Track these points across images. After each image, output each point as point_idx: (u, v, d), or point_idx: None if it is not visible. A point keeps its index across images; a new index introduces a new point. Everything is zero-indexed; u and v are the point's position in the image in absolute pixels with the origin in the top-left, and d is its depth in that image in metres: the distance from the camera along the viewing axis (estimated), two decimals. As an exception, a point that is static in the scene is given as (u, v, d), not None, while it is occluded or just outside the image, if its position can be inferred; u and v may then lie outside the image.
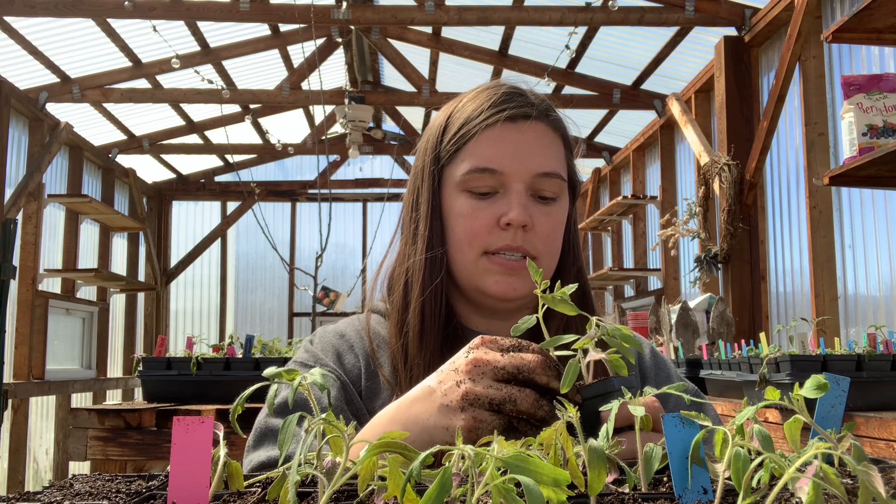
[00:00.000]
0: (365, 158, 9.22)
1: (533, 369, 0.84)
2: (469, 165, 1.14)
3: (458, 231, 1.14)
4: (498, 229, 1.11)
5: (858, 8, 2.65)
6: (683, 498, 0.48)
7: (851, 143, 2.68)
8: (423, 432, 0.88)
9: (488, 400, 0.84)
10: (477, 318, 1.21)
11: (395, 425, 0.91)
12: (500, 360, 0.85)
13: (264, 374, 0.68)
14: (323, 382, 0.63)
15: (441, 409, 0.87)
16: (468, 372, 0.86)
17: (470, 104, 1.18)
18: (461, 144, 1.15)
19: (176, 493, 0.47)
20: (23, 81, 5.96)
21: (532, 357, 0.85)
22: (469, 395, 0.85)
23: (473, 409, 0.84)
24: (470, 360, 0.87)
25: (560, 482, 0.44)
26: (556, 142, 1.18)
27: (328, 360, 1.18)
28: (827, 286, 3.89)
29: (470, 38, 6.46)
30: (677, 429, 0.50)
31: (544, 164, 1.14)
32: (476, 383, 0.85)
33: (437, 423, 0.87)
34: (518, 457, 0.44)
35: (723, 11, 4.97)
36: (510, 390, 0.84)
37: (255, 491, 0.55)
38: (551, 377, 0.84)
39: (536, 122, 1.15)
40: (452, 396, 0.86)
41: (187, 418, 0.49)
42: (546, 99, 1.22)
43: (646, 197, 6.54)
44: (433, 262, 1.15)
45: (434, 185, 1.17)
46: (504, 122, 1.14)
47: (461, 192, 1.15)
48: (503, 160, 1.12)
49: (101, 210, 6.81)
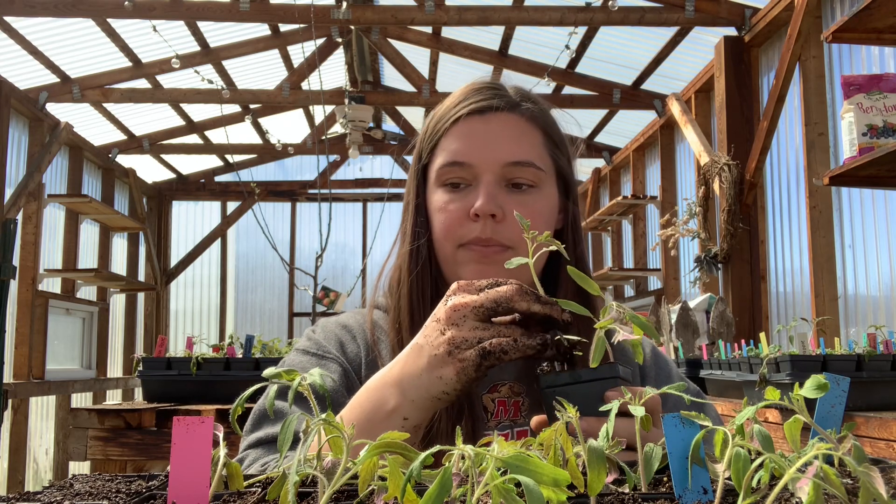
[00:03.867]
0: (365, 158, 9.22)
1: (510, 298, 0.85)
2: (441, 160, 1.16)
3: (437, 225, 1.16)
4: (469, 221, 1.12)
5: (858, 8, 2.65)
6: (683, 498, 0.48)
7: (851, 143, 2.68)
8: (418, 389, 0.88)
9: (476, 340, 0.84)
10: None
11: (389, 388, 0.91)
12: (477, 298, 0.86)
13: (264, 374, 0.68)
14: (322, 382, 0.63)
15: (431, 360, 0.87)
16: (448, 318, 0.87)
17: (446, 102, 1.21)
18: (436, 141, 1.18)
19: (176, 493, 0.47)
20: (23, 81, 5.96)
21: (507, 287, 0.86)
22: (454, 340, 0.85)
23: (460, 353, 0.85)
24: (449, 307, 0.87)
25: (560, 482, 0.44)
26: (531, 132, 1.17)
27: (331, 347, 1.20)
28: (827, 286, 3.89)
29: (470, 38, 6.45)
30: (677, 429, 0.50)
31: (514, 153, 1.13)
32: (459, 328, 0.86)
33: (430, 376, 0.87)
34: (518, 457, 0.44)
35: (723, 11, 4.97)
36: (496, 328, 0.85)
37: (254, 491, 0.55)
38: (531, 301, 0.84)
39: (505, 112, 1.16)
40: (439, 345, 0.86)
41: (187, 418, 0.49)
42: (526, 92, 1.22)
43: (646, 197, 6.54)
44: (416, 256, 1.17)
45: (419, 183, 1.20)
46: (471, 115, 1.15)
47: (439, 188, 1.17)
48: (471, 152, 1.14)
49: (101, 210, 6.81)
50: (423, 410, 0.90)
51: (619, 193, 7.58)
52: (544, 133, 1.19)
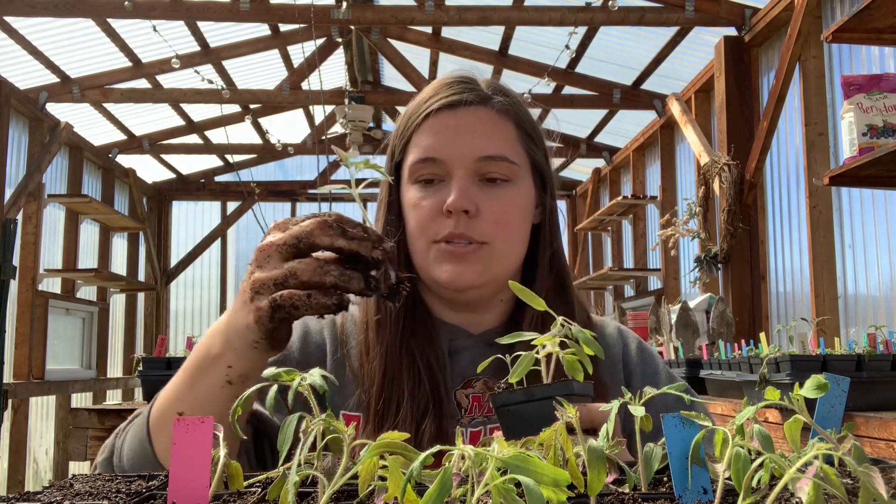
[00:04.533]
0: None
1: (311, 233, 0.79)
2: (413, 157, 1.13)
3: (411, 222, 1.14)
4: (442, 217, 1.09)
5: (858, 8, 2.65)
6: (683, 498, 0.48)
7: (851, 143, 2.68)
8: (238, 336, 0.86)
9: (272, 282, 0.80)
10: (448, 311, 1.19)
11: (218, 334, 0.89)
12: (281, 236, 0.81)
13: (264, 374, 0.68)
14: (322, 383, 0.63)
15: (240, 306, 0.85)
16: (256, 260, 0.83)
17: (418, 98, 1.19)
18: (408, 137, 1.16)
19: (176, 494, 0.47)
20: (23, 81, 5.96)
21: (308, 222, 0.80)
22: (256, 283, 0.82)
23: (260, 299, 0.81)
24: (256, 249, 0.84)
25: (560, 482, 0.44)
26: (504, 126, 1.14)
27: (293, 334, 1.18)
28: (827, 286, 3.89)
29: (470, 38, 6.45)
30: (677, 429, 0.50)
31: (486, 147, 1.11)
32: (263, 269, 0.82)
33: (242, 323, 0.84)
34: (518, 457, 0.44)
35: (723, 11, 4.97)
36: (291, 264, 0.80)
37: (254, 491, 0.55)
38: (335, 236, 0.79)
39: (476, 106, 1.13)
40: (245, 290, 0.84)
41: (188, 418, 0.49)
42: (499, 86, 1.19)
43: (646, 197, 6.54)
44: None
45: (392, 181, 1.17)
46: (441, 111, 1.13)
47: (412, 185, 1.14)
48: (442, 148, 1.11)
49: (101, 210, 6.81)
50: (245, 359, 0.87)
51: (619, 193, 7.58)
52: (517, 126, 1.16)
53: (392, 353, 1.10)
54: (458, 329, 1.19)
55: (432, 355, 1.12)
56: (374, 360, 1.10)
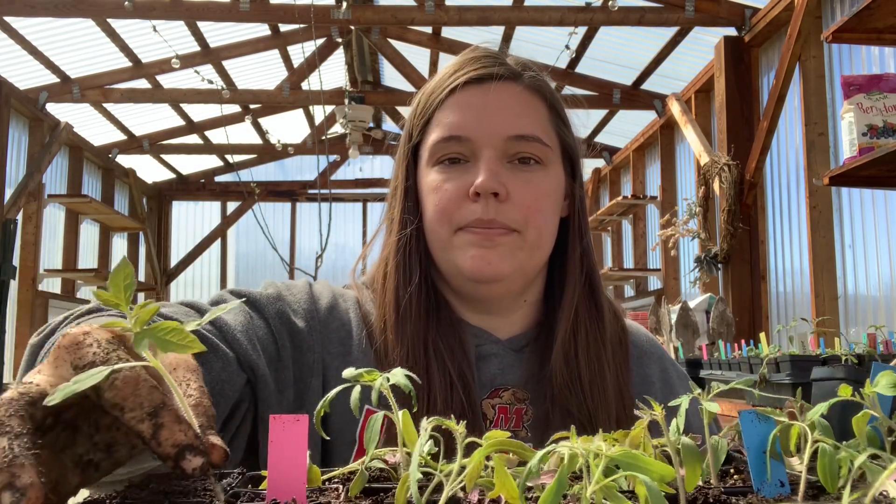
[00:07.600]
0: (365, 158, 9.22)
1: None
2: (435, 136, 1.02)
3: (430, 208, 1.02)
4: (468, 202, 0.98)
5: (858, 8, 2.65)
6: (762, 490, 0.49)
7: (851, 143, 2.68)
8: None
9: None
10: (470, 313, 1.07)
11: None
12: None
13: (344, 374, 0.65)
14: (406, 383, 0.58)
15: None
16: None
17: (440, 73, 1.08)
18: (429, 116, 1.04)
19: (275, 490, 0.48)
20: (23, 81, 5.96)
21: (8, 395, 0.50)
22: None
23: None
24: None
25: (666, 478, 0.45)
26: (536, 104, 1.05)
27: (271, 309, 0.99)
28: (827, 286, 3.89)
29: (470, 38, 6.45)
30: (753, 424, 0.51)
31: (517, 126, 1.00)
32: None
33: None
34: (627, 454, 0.45)
35: (723, 11, 4.97)
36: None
37: (336, 488, 0.54)
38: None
39: (506, 82, 1.03)
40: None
41: (283, 416, 0.49)
42: (528, 62, 1.10)
43: (646, 197, 6.55)
44: (405, 246, 1.03)
45: (408, 164, 1.06)
46: (467, 85, 1.02)
47: (432, 167, 1.02)
48: (468, 125, 1.00)
49: (101, 210, 6.81)
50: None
51: (619, 193, 7.58)
52: (549, 106, 1.07)
53: (416, 354, 0.98)
54: (484, 333, 1.06)
55: (464, 361, 0.99)
56: (396, 361, 0.97)
